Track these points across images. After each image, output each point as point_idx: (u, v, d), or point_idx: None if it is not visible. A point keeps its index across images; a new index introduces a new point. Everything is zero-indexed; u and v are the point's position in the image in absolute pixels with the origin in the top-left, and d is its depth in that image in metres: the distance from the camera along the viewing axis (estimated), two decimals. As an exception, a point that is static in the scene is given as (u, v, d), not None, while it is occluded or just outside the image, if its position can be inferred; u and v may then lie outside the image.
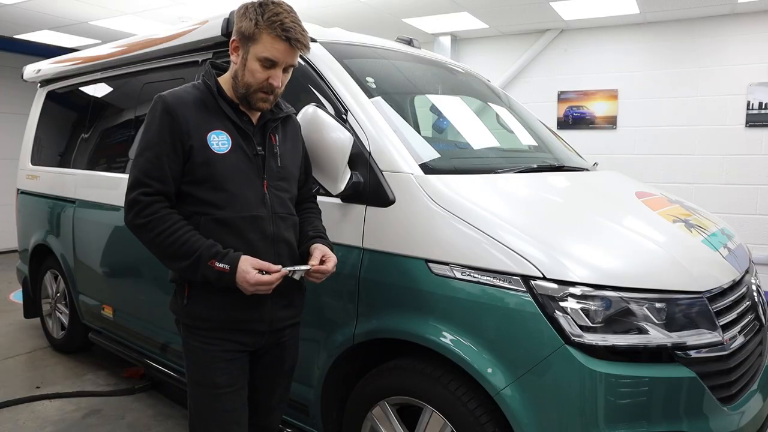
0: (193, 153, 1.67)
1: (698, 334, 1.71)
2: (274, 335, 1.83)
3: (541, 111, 6.67)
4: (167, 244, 1.63)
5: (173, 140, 1.66)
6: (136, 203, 1.65)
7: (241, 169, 1.72)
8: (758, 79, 5.82)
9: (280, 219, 1.78)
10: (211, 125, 1.71)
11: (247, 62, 1.68)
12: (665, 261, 1.81)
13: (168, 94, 1.72)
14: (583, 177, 2.63)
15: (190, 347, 1.78)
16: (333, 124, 1.96)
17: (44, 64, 4.37)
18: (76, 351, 4.21)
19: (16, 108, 8.21)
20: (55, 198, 3.94)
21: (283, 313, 1.82)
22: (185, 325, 1.78)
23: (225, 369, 1.74)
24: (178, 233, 1.63)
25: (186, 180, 1.70)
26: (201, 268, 1.62)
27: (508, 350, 1.72)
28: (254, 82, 1.68)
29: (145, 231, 1.66)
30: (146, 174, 1.65)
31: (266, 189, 1.76)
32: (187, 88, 1.76)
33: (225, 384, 1.74)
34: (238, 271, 1.61)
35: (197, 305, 1.73)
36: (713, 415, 1.71)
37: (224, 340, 1.74)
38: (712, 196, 6.04)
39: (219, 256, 1.62)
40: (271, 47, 1.65)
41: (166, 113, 1.67)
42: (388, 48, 2.82)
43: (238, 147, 1.72)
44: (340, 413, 2.24)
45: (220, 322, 1.73)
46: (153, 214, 1.64)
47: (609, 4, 5.77)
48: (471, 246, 1.80)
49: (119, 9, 6.40)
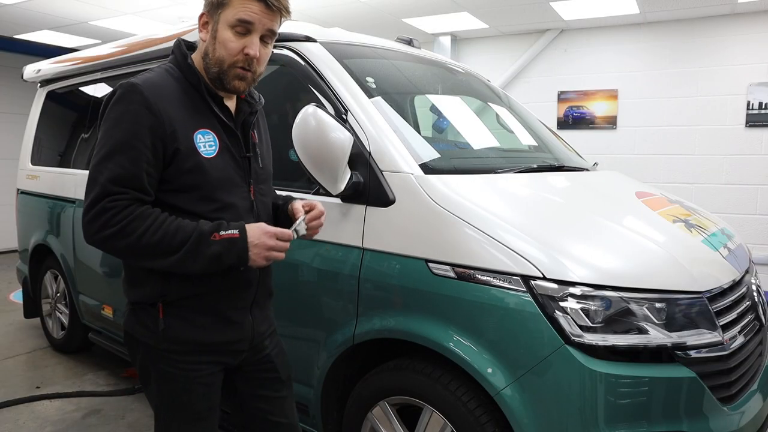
0: (178, 158, 1.41)
1: (698, 334, 1.71)
2: (252, 350, 1.66)
3: (541, 111, 6.67)
4: (156, 241, 1.36)
5: (154, 141, 1.38)
6: (104, 212, 1.34)
7: (230, 174, 1.49)
8: (758, 79, 5.82)
9: None
10: (197, 123, 1.45)
11: (218, 33, 1.43)
12: (665, 261, 1.81)
13: (142, 82, 1.41)
14: (583, 177, 2.63)
15: (159, 372, 1.53)
16: (333, 124, 1.95)
17: (44, 64, 4.37)
18: (76, 351, 4.21)
19: (16, 108, 8.21)
20: (55, 198, 3.94)
21: (262, 327, 1.67)
22: (157, 350, 1.51)
23: (205, 393, 1.56)
24: (166, 224, 1.38)
25: (167, 188, 1.43)
26: (204, 248, 1.37)
27: (508, 350, 1.72)
28: (227, 55, 1.43)
29: (121, 238, 1.35)
30: (120, 183, 1.35)
31: (253, 195, 1.57)
32: (162, 74, 1.47)
33: (204, 408, 1.56)
34: (250, 228, 1.40)
35: (174, 327, 1.49)
36: (713, 415, 1.71)
37: (203, 364, 1.54)
38: (712, 196, 6.03)
39: (222, 227, 1.40)
40: (243, 7, 1.41)
41: (145, 108, 1.37)
42: (388, 48, 2.82)
43: (226, 149, 1.49)
44: (340, 413, 2.24)
45: (200, 345, 1.52)
46: (127, 217, 1.35)
47: (609, 4, 5.77)
48: (471, 246, 1.80)
49: (119, 9, 6.40)
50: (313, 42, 2.38)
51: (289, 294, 2.23)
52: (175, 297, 1.49)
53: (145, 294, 1.50)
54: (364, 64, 2.52)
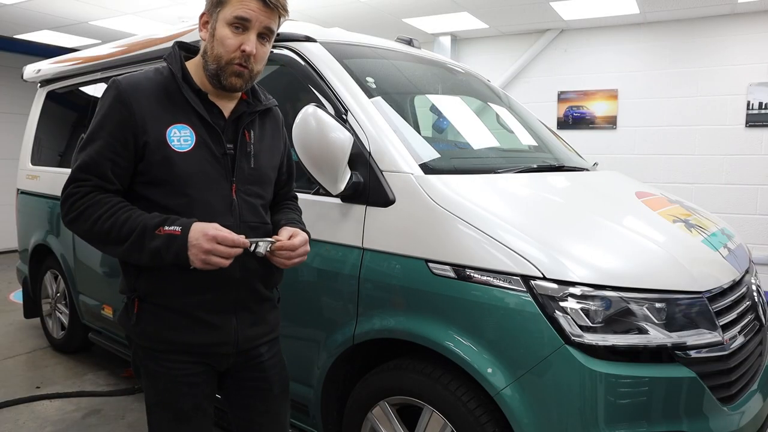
0: (147, 150, 1.43)
1: (698, 334, 1.71)
2: (244, 355, 1.61)
3: (541, 111, 6.67)
4: (106, 229, 1.39)
5: (124, 134, 1.42)
6: (69, 196, 1.42)
7: (205, 170, 1.48)
8: (758, 79, 5.82)
9: (250, 229, 1.54)
10: (173, 118, 1.47)
11: (216, 31, 1.45)
12: (665, 261, 1.81)
13: (123, 78, 1.47)
14: (583, 177, 2.63)
15: (147, 369, 1.55)
16: (333, 124, 1.95)
17: (44, 64, 4.37)
18: (76, 351, 4.21)
19: (16, 108, 8.21)
20: (56, 198, 3.93)
21: (251, 331, 1.59)
22: (138, 346, 1.55)
23: (188, 392, 1.53)
24: (118, 213, 1.40)
25: (141, 180, 1.47)
26: (147, 241, 1.37)
27: (508, 350, 1.72)
28: (225, 52, 1.45)
29: (80, 222, 1.42)
30: (85, 169, 1.43)
31: (235, 194, 1.53)
32: (148, 73, 1.52)
33: (190, 408, 1.53)
34: (194, 227, 1.37)
35: (149, 324, 1.50)
36: (713, 415, 1.71)
37: (184, 363, 1.52)
38: (712, 196, 6.04)
39: (168, 222, 1.39)
40: (241, 4, 1.43)
41: (118, 102, 1.43)
42: (388, 48, 2.82)
43: (203, 144, 1.48)
44: (340, 413, 2.24)
45: (175, 344, 1.51)
46: (87, 202, 1.41)
47: (609, 4, 5.77)
48: (471, 246, 1.80)
49: (119, 9, 6.40)
50: (313, 42, 2.38)
51: (289, 294, 2.23)
52: (144, 292, 1.50)
53: (122, 287, 1.56)
54: (364, 64, 2.52)
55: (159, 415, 1.56)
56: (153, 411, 1.58)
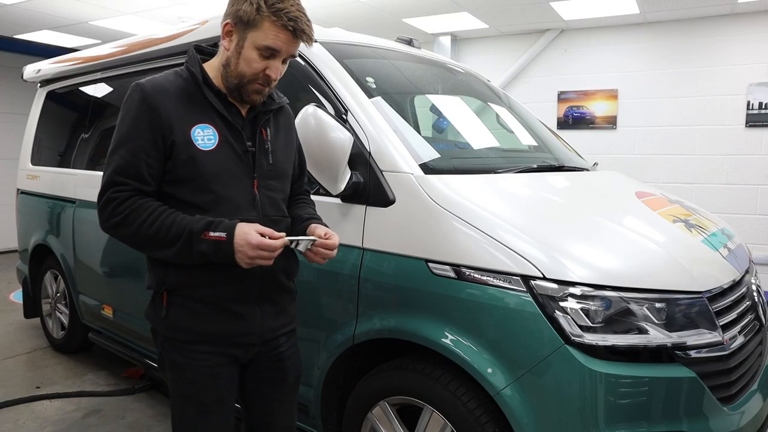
0: (175, 149, 1.50)
1: (698, 334, 1.71)
2: (266, 346, 1.68)
3: (541, 111, 6.67)
4: (152, 234, 1.47)
5: (153, 135, 1.48)
6: (109, 202, 1.49)
7: (229, 167, 1.56)
8: (758, 79, 5.82)
9: (272, 222, 1.60)
10: (196, 118, 1.54)
11: (243, 50, 1.51)
12: (665, 261, 1.81)
13: (147, 81, 1.54)
14: (583, 177, 2.63)
15: (171, 361, 1.61)
16: (333, 124, 1.95)
17: (44, 64, 4.37)
18: (76, 351, 4.21)
19: (16, 108, 8.21)
20: (55, 198, 3.94)
21: (273, 322, 1.67)
22: (165, 338, 1.61)
23: (211, 385, 1.59)
24: (162, 217, 1.47)
25: (167, 179, 1.54)
26: (195, 245, 1.45)
27: (508, 350, 1.72)
28: (249, 72, 1.52)
29: (123, 227, 1.49)
30: (121, 173, 1.49)
31: (257, 189, 1.60)
32: (169, 76, 1.58)
33: (211, 400, 1.60)
34: (237, 233, 1.44)
35: (177, 316, 1.57)
36: (713, 415, 1.71)
37: (209, 354, 1.59)
38: (712, 196, 6.04)
39: (212, 226, 1.46)
40: (274, 36, 1.49)
41: (144, 104, 1.49)
42: (388, 48, 2.82)
43: (226, 143, 1.56)
44: (340, 413, 2.24)
45: (203, 335, 1.58)
46: (130, 207, 1.47)
47: (609, 4, 5.77)
48: (471, 246, 1.80)
49: (119, 9, 6.40)
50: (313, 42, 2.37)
51: (289, 294, 2.23)
52: (173, 286, 1.57)
53: (151, 282, 1.62)
54: (364, 64, 2.52)
55: (182, 406, 1.63)
56: (176, 403, 1.65)
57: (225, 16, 1.56)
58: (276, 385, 1.75)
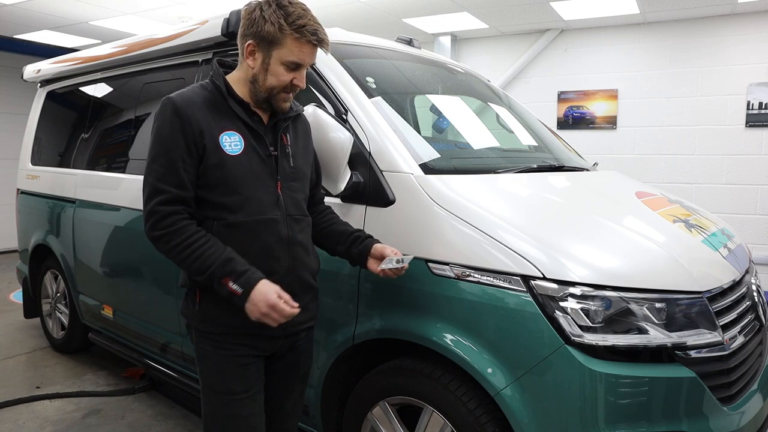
0: (206, 155, 1.63)
1: (698, 334, 1.71)
2: (289, 339, 1.80)
3: (541, 111, 6.67)
4: (182, 258, 1.60)
5: (187, 142, 1.61)
6: (152, 214, 1.61)
7: (255, 170, 1.68)
8: (758, 79, 5.82)
9: (294, 221, 1.75)
10: (223, 126, 1.66)
11: (270, 66, 1.65)
12: (665, 261, 1.81)
13: (176, 95, 1.67)
14: (583, 177, 2.63)
15: (203, 352, 1.75)
16: (333, 124, 1.96)
17: (44, 64, 4.37)
18: (76, 351, 4.21)
19: (16, 108, 8.21)
20: (55, 198, 3.94)
21: (298, 317, 1.72)
22: (197, 330, 1.75)
23: (240, 375, 1.71)
24: (193, 247, 1.59)
25: (199, 184, 1.65)
26: (215, 286, 1.60)
27: (508, 350, 1.72)
28: (278, 85, 1.66)
29: (161, 243, 1.62)
30: (162, 180, 1.60)
31: (280, 190, 1.72)
32: (195, 88, 1.71)
33: (240, 390, 1.71)
34: (257, 291, 1.56)
35: (209, 310, 1.70)
36: (713, 415, 1.71)
37: (238, 345, 1.71)
38: (712, 196, 6.04)
39: (234, 276, 1.58)
40: (299, 51, 1.63)
41: (176, 115, 1.62)
42: (388, 48, 2.82)
43: (251, 148, 1.68)
44: (340, 413, 2.24)
45: (233, 327, 1.69)
46: (168, 227, 1.60)
47: (609, 4, 5.77)
48: (471, 246, 1.80)
49: (119, 9, 6.40)
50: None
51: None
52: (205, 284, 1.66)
53: (183, 281, 1.76)
54: (364, 64, 2.52)
55: (212, 396, 1.74)
56: (207, 394, 1.76)
57: (244, 36, 1.66)
58: (288, 376, 1.87)
